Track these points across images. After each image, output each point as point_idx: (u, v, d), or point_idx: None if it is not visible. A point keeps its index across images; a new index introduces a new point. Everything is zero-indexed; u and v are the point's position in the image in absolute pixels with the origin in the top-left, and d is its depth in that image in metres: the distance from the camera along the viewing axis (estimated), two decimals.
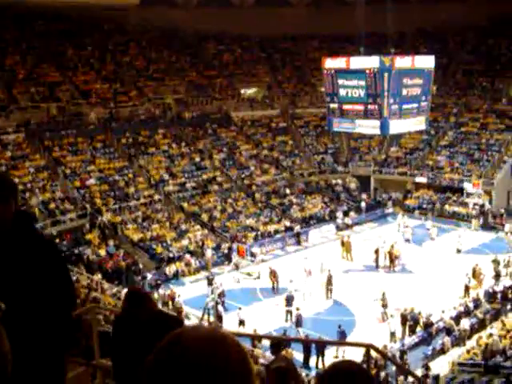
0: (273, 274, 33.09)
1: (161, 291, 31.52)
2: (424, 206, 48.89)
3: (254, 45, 64.85)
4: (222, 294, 30.41)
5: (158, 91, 54.39)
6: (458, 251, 38.68)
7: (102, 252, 35.85)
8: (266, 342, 24.65)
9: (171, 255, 36.94)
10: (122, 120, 49.37)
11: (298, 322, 27.18)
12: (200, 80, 58.03)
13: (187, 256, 37.03)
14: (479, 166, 49.85)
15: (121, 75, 54.17)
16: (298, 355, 24.20)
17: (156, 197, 43.24)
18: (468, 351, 24.96)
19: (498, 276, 33.25)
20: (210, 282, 31.72)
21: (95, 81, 52.21)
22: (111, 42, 57.01)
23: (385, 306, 28.84)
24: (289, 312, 29.03)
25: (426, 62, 33.07)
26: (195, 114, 53.82)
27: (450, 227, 43.76)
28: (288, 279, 31.70)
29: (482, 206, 45.93)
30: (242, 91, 60.11)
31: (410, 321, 27.48)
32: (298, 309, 27.72)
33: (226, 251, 38.53)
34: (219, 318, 28.33)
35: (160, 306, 29.51)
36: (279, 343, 21.26)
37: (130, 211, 41.00)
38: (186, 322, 25.72)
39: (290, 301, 29.25)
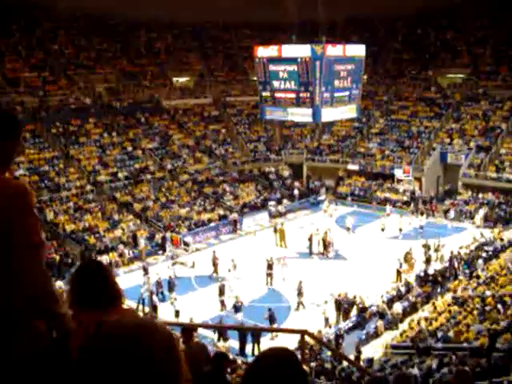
0: (214, 261, 33.15)
1: None
2: (356, 192, 49.59)
3: (186, 33, 64.39)
4: (159, 285, 30.28)
5: (88, 80, 53.43)
6: (400, 230, 39.87)
7: None
8: (203, 331, 24.71)
9: (104, 246, 36.57)
10: (51, 109, 48.32)
11: (237, 308, 27.44)
12: (131, 68, 57.33)
13: (120, 246, 36.67)
14: (409, 152, 50.78)
15: (50, 63, 52.97)
16: (234, 343, 24.30)
17: (88, 187, 42.61)
18: (401, 334, 25.46)
19: (428, 260, 33.98)
20: (145, 272, 31.56)
21: (23, 69, 50.87)
22: (39, 29, 55.65)
23: (300, 294, 29.05)
24: (222, 302, 29.29)
25: (357, 50, 33.38)
26: (126, 102, 53.18)
27: (379, 213, 44.45)
28: (226, 268, 31.91)
29: (413, 192, 46.87)
30: (174, 80, 59.67)
31: (344, 306, 27.87)
32: (237, 297, 27.94)
33: (159, 241, 38.32)
34: (154, 308, 28.18)
35: None
36: (190, 329, 21.08)
37: (61, 202, 40.29)
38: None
39: (222, 290, 29.48)
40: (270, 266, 32.21)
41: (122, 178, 44.91)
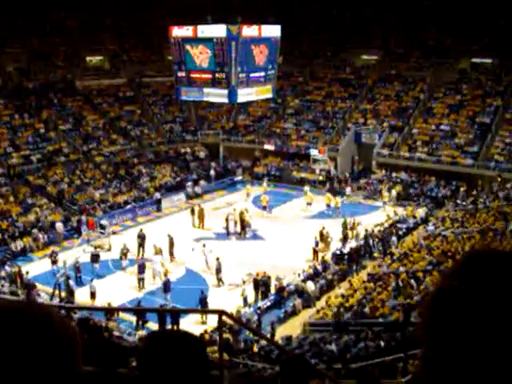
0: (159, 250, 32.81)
1: (7, 268, 30.39)
2: (272, 172, 49.90)
3: (100, 11, 62.94)
4: (77, 269, 29.82)
5: None
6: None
7: None
8: (122, 315, 24.55)
9: (18, 231, 35.67)
10: None
11: (166, 287, 27.52)
12: (43, 48, 55.71)
13: (35, 231, 35.82)
14: (324, 133, 51.41)
15: None
16: (152, 325, 24.22)
17: None
18: (318, 311, 25.88)
19: (345, 238, 34.56)
20: (54, 258, 30.99)
21: None
22: None
23: (219, 271, 29.29)
24: (141, 280, 29.33)
25: (273, 30, 33.46)
26: (38, 83, 51.75)
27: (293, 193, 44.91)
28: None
29: (328, 171, 47.51)
30: (88, 59, 58.41)
31: (262, 285, 28.10)
32: (165, 274, 28.12)
33: (75, 224, 37.66)
34: (71, 292, 27.71)
35: (8, 284, 28.55)
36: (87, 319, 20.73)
37: None
38: (38, 300, 25.06)
39: (142, 268, 29.55)
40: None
41: (35, 160, 43.79)
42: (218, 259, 29.39)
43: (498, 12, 51.24)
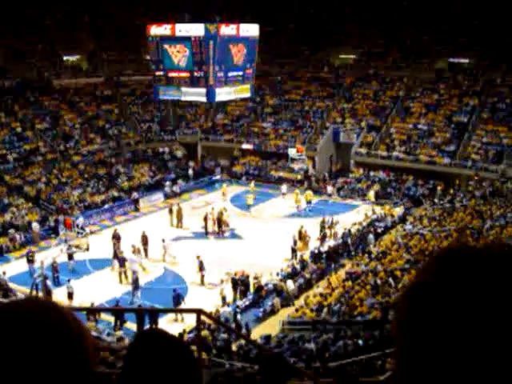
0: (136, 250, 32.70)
1: None
2: (251, 172, 49.88)
3: (77, 9, 62.54)
4: (55, 269, 29.61)
5: None
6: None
7: None
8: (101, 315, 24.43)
9: None
10: None
11: (135, 285, 27.49)
12: (19, 46, 55.21)
13: (11, 231, 35.52)
14: (302, 132, 51.50)
15: None
16: (131, 325, 24.15)
17: None
18: (297, 310, 25.90)
19: (324, 237, 34.63)
20: (30, 258, 30.76)
21: None
22: None
23: (202, 269, 29.26)
24: (122, 273, 29.74)
25: (251, 30, 33.49)
26: (15, 82, 51.29)
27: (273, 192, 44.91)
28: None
29: (307, 170, 47.60)
30: (65, 58, 58.00)
31: (240, 285, 28.08)
32: (135, 272, 28.10)
33: (52, 224, 37.41)
34: (48, 293, 27.49)
35: None
36: None
37: None
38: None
39: (122, 262, 29.81)
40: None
41: (12, 160, 43.43)
42: (198, 257, 29.33)
43: (474, 12, 51.68)
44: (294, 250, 32.58)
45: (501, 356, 1.03)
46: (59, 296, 27.22)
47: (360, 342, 19.42)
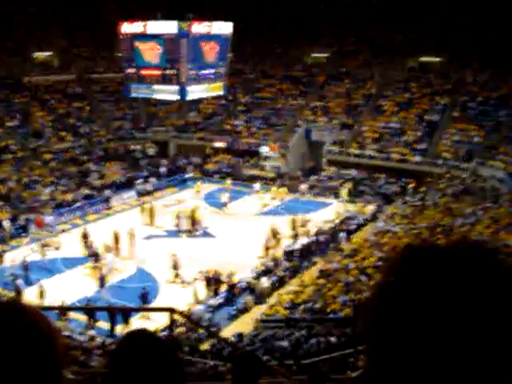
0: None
1: None
2: (223, 170, 49.81)
3: (48, 5, 61.92)
4: (26, 268, 29.31)
5: None
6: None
7: None
8: (73, 314, 24.28)
9: None
10: None
11: (102, 282, 27.66)
12: None
13: None
14: (275, 130, 51.57)
15: None
16: (104, 324, 24.03)
17: None
18: (270, 308, 25.95)
19: (296, 235, 34.70)
20: (0, 257, 30.52)
21: None
22: None
23: (177, 267, 29.25)
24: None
25: (224, 27, 33.49)
26: None
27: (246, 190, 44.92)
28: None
29: (279, 168, 47.66)
30: (35, 54, 57.42)
31: (213, 283, 28.06)
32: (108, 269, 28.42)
33: (23, 223, 37.04)
34: (18, 292, 27.25)
35: None
36: None
37: None
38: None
39: (97, 257, 30.09)
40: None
41: None
42: (173, 255, 29.27)
43: (445, 11, 52.06)
44: (266, 248, 32.62)
45: (466, 349, 1.05)
46: (30, 295, 26.99)
47: (332, 339, 19.51)
